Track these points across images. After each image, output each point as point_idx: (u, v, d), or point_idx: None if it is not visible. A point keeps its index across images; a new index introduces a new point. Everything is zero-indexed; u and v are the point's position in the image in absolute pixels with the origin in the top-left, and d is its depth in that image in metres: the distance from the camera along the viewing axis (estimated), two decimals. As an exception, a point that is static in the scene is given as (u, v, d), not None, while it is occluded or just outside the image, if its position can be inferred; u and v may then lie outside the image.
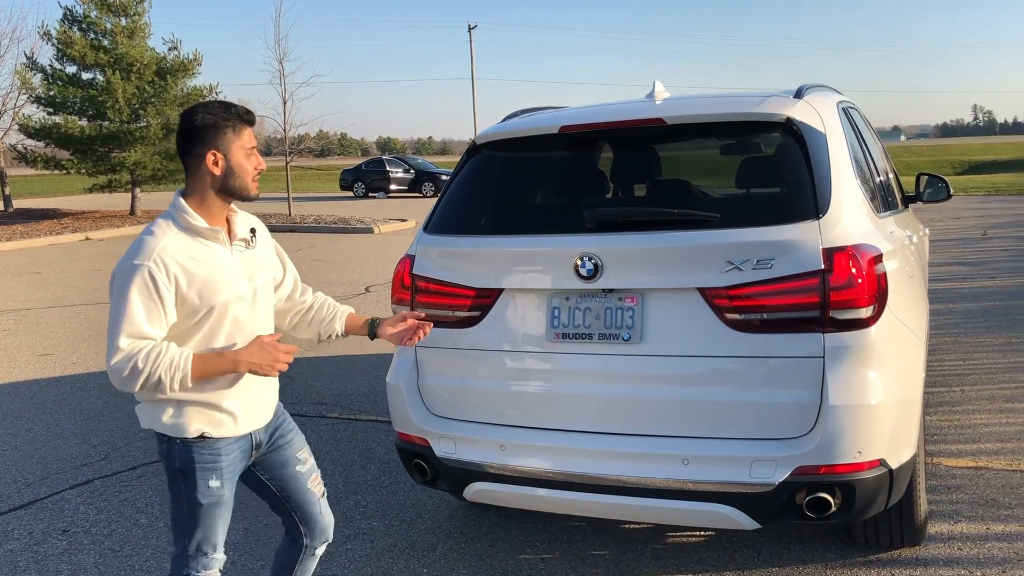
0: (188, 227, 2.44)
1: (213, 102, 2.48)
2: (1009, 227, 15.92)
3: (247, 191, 2.51)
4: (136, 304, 2.32)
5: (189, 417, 2.47)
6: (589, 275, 3.17)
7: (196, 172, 2.46)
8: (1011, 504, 4.03)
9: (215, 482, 2.51)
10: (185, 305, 2.39)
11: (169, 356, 2.33)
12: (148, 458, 5.17)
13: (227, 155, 2.45)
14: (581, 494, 3.18)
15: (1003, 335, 7.34)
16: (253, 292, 2.55)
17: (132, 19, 23.29)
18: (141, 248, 2.37)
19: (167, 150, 23.18)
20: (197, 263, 2.41)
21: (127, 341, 2.31)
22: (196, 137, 2.44)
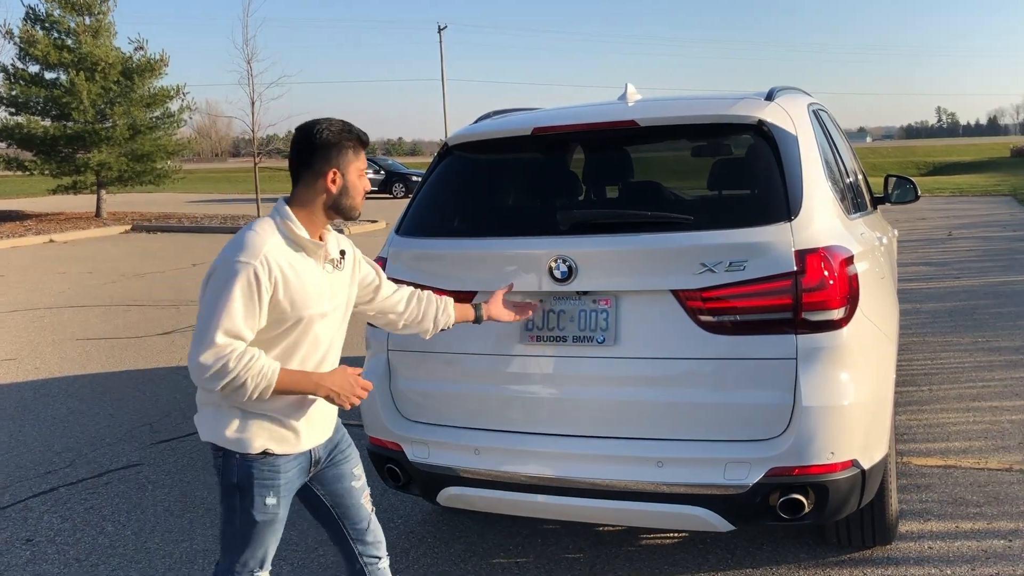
0: (292, 236, 2.42)
1: (334, 120, 2.49)
2: (974, 228, 16.16)
3: (355, 210, 2.53)
4: (238, 302, 2.28)
5: (253, 432, 2.43)
6: (563, 277, 3.16)
7: (311, 186, 2.46)
8: (979, 502, 4.08)
9: (272, 499, 2.47)
10: (275, 312, 2.36)
11: (260, 363, 2.30)
12: (115, 464, 5.09)
13: (345, 174, 2.47)
14: (555, 497, 3.16)
15: (969, 335, 7.44)
16: (333, 311, 2.54)
17: (96, 18, 22.95)
18: (247, 246, 2.33)
19: (133, 151, 22.88)
20: (294, 272, 2.39)
21: (223, 338, 2.27)
22: (319, 153, 2.44)
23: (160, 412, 6.10)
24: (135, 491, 4.68)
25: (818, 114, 4.01)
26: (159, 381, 6.95)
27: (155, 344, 8.31)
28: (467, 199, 3.70)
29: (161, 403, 6.32)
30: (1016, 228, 15.66)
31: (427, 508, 4.28)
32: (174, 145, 24.29)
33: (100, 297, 11.18)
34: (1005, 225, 16.32)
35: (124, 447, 5.40)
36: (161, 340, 8.47)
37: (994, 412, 5.37)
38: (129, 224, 21.69)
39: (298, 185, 2.48)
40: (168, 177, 24.21)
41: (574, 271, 3.14)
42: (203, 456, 5.17)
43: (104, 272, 13.60)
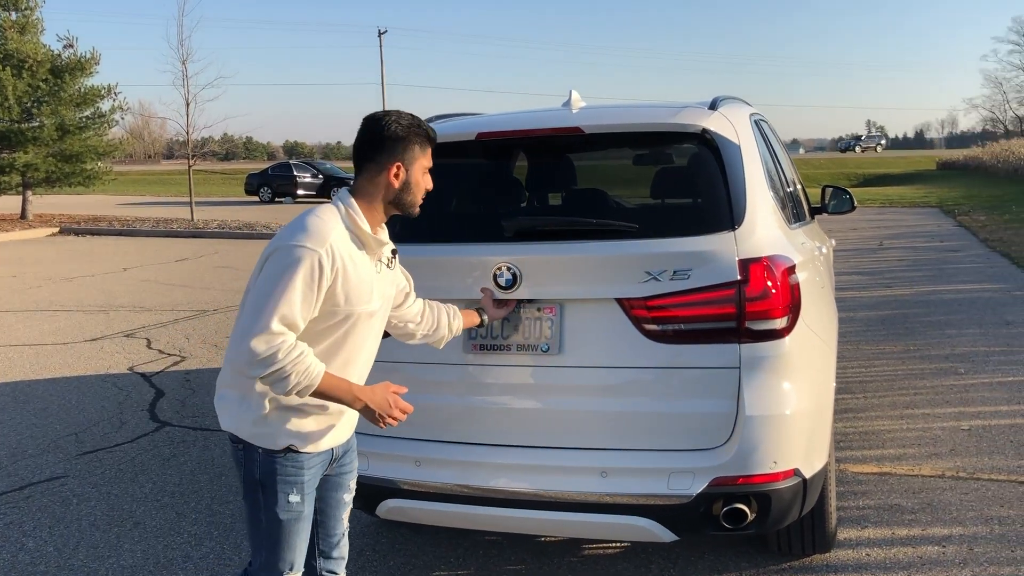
0: (355, 229, 2.37)
1: (404, 113, 2.43)
2: (903, 238, 16.59)
3: (413, 208, 2.48)
4: (298, 289, 2.20)
5: (279, 427, 2.35)
6: (508, 285, 3.11)
7: (374, 179, 2.41)
8: (914, 508, 4.14)
9: (295, 497, 2.39)
10: (329, 303, 2.30)
11: (308, 361, 2.22)
12: (37, 477, 4.88)
13: (409, 169, 2.42)
14: (498, 509, 3.11)
15: (901, 343, 7.60)
16: (381, 312, 2.50)
17: (23, 14, 22.23)
18: (313, 232, 2.26)
19: (62, 151, 22.19)
20: (354, 265, 2.33)
21: (278, 325, 2.18)
22: (385, 145, 2.39)
23: (87, 421, 5.88)
24: (59, 505, 4.49)
25: (759, 124, 4.03)
26: (86, 389, 6.70)
27: (83, 351, 8.03)
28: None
29: (88, 412, 6.10)
30: (944, 238, 16.13)
31: (365, 520, 4.18)
32: (105, 146, 23.66)
33: (25, 302, 10.79)
34: (933, 236, 16.79)
35: (48, 458, 5.19)
36: (89, 346, 8.20)
37: (926, 419, 5.48)
38: (57, 227, 21.03)
39: (360, 177, 2.43)
40: (98, 179, 23.56)
41: (518, 279, 3.10)
42: (131, 467, 4.99)
43: (29, 276, 13.15)
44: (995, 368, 6.62)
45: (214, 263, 14.55)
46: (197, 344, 8.18)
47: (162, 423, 5.83)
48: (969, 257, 13.29)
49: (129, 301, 10.73)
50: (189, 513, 4.35)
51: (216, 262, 14.69)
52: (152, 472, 4.92)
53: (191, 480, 4.79)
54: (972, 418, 5.47)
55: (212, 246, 17.38)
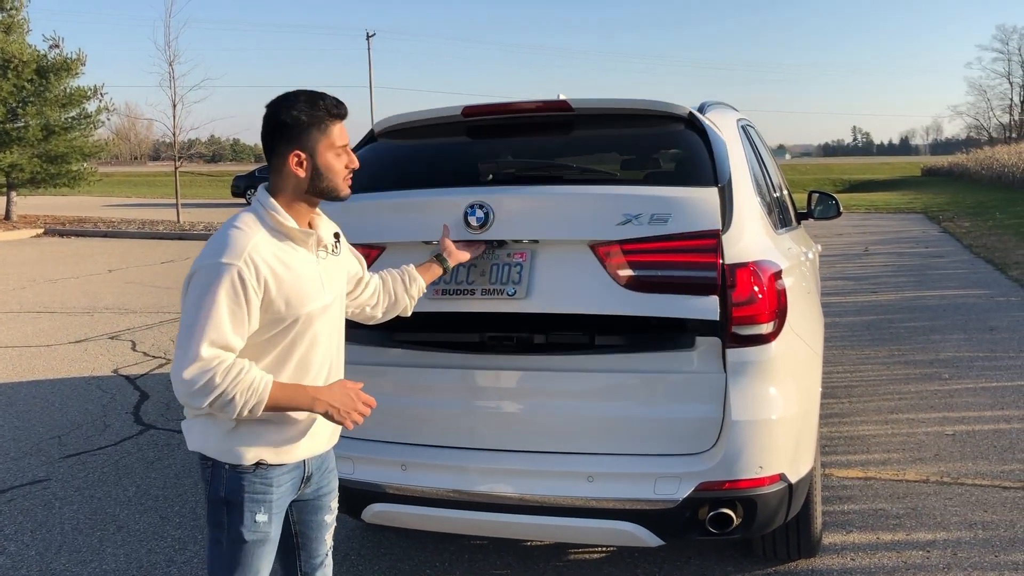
0: (278, 227, 2.22)
1: (299, 93, 2.25)
2: (888, 243, 16.68)
3: (337, 192, 2.30)
4: (223, 308, 2.07)
5: (248, 441, 2.22)
6: (479, 224, 3.02)
7: (279, 171, 2.25)
8: (899, 513, 4.16)
9: (263, 516, 2.26)
10: (270, 312, 2.16)
11: (250, 378, 2.08)
12: (19, 480, 4.83)
13: (313, 155, 2.23)
14: (484, 513, 3.09)
15: (886, 348, 7.64)
16: (332, 302, 2.35)
17: (8, 14, 22.09)
18: (228, 244, 2.12)
19: (47, 152, 22.07)
20: (286, 267, 2.19)
21: (209, 350, 2.05)
22: (278, 134, 2.23)
23: (70, 424, 5.83)
24: (40, 509, 4.45)
25: (746, 129, 4.05)
26: (69, 392, 6.66)
27: (66, 353, 7.97)
28: (389, 173, 3.59)
29: (71, 415, 6.05)
30: (928, 244, 16.23)
31: (351, 525, 4.17)
32: (90, 147, 23.55)
33: (8, 304, 10.71)
34: (917, 241, 16.89)
35: (30, 461, 5.15)
36: (73, 348, 8.14)
37: (911, 424, 5.51)
38: (41, 228, 20.90)
39: (271, 172, 2.28)
40: (84, 180, 23.43)
41: (491, 217, 3.02)
42: (115, 471, 4.96)
43: (13, 277, 13.05)
44: (979, 373, 6.66)
45: (200, 265, 14.47)
46: (182, 347, 8.13)
47: (146, 426, 5.79)
48: (953, 263, 13.38)
49: (114, 303, 10.66)
50: (173, 517, 4.32)
51: (202, 264, 14.60)
52: (136, 475, 4.89)
53: (175, 484, 4.76)
54: (956, 423, 5.50)
55: (198, 248, 17.15)
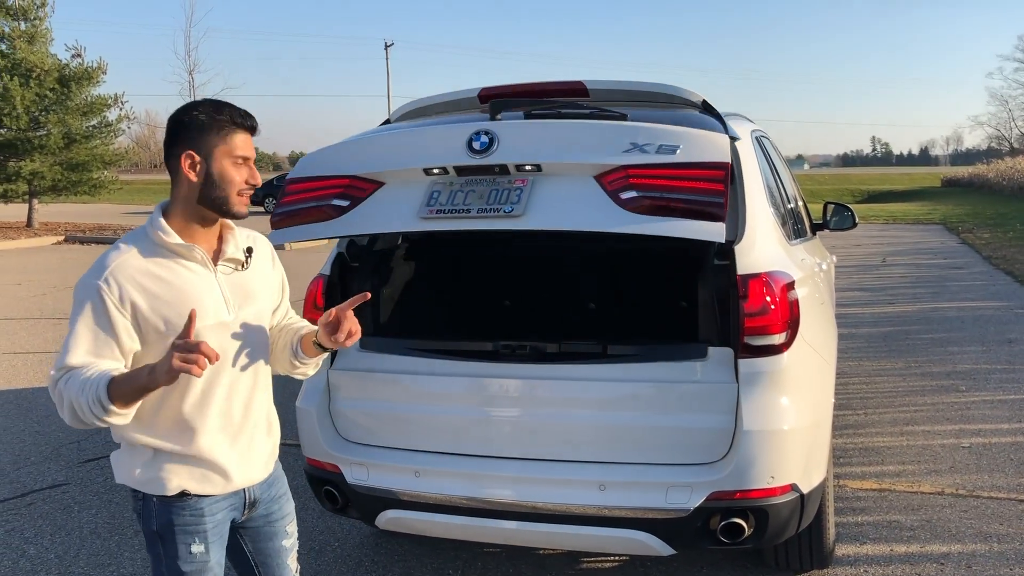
0: (159, 243, 2.13)
1: (205, 100, 2.17)
2: (906, 254, 16.60)
3: (229, 206, 2.14)
4: (81, 328, 2.04)
5: (168, 471, 2.14)
6: (482, 148, 2.95)
7: (174, 177, 2.15)
8: (913, 525, 4.14)
9: (198, 547, 2.17)
10: (148, 331, 2.07)
11: (82, 378, 1.99)
12: (39, 484, 4.90)
13: (207, 159, 2.11)
14: (497, 521, 3.12)
15: (902, 359, 7.60)
16: (238, 322, 2.19)
17: (32, 24, 22.38)
18: (99, 264, 2.09)
19: (68, 160, 22.28)
20: (163, 283, 2.09)
21: (54, 373, 2.04)
22: (175, 135, 2.13)
23: (90, 430, 5.90)
24: (60, 512, 4.51)
25: (760, 141, 4.06)
26: (89, 397, 6.72)
27: (86, 359, 8.04)
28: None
29: (90, 420, 6.11)
30: (947, 255, 16.13)
31: (365, 531, 4.20)
32: (111, 155, 23.76)
33: (29, 310, 10.83)
34: (936, 252, 16.79)
35: (50, 466, 5.21)
36: (92, 355, 8.21)
37: (926, 436, 5.48)
38: (62, 235, 21.11)
39: (172, 181, 2.17)
40: (104, 187, 23.65)
41: (495, 143, 2.95)
42: (133, 476, 5.01)
43: (34, 284, 13.19)
44: (996, 386, 6.62)
45: (218, 273, 14.56)
46: (200, 353, 8.19)
47: (164, 432, 5.84)
48: (972, 274, 13.29)
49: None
50: (190, 522, 4.36)
51: (220, 272, 14.69)
52: (153, 481, 4.93)
53: (192, 489, 4.80)
54: (972, 435, 5.47)
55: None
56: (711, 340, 3.05)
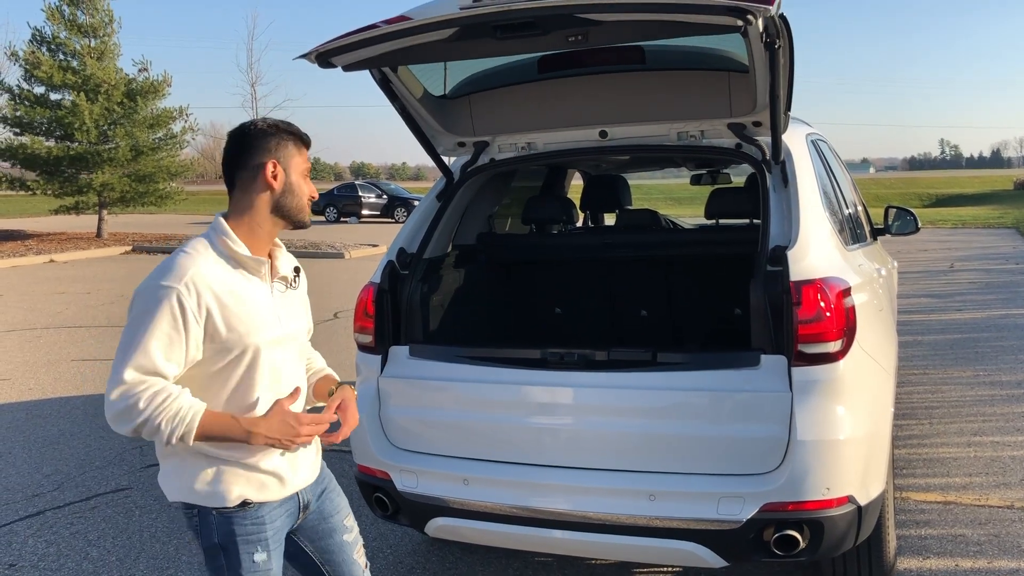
0: (229, 254, 2.14)
1: (267, 118, 2.24)
2: (975, 260, 16.12)
3: (302, 214, 2.23)
4: (155, 333, 2.01)
5: (227, 481, 2.13)
6: None
7: (248, 187, 2.17)
8: (980, 540, 4.00)
9: (260, 555, 2.17)
10: (215, 342, 2.08)
11: (177, 405, 2.01)
12: (103, 488, 5.01)
13: (287, 169, 2.18)
14: (545, 530, 3.09)
15: (970, 368, 7.37)
16: (287, 337, 2.24)
17: (102, 40, 23.09)
18: (172, 269, 2.06)
19: (136, 172, 22.92)
20: (234, 296, 2.10)
21: (133, 374, 2.00)
22: (253, 146, 2.16)
23: (151, 435, 6.02)
24: (122, 516, 4.61)
25: (817, 144, 3.98)
26: (152, 404, 6.87)
27: (150, 366, 8.23)
28: None
29: (153, 426, 6.25)
30: (1019, 261, 15.63)
31: (417, 538, 4.21)
32: (177, 166, 24.37)
33: (98, 318, 11.14)
34: (1008, 258, 16.28)
35: (113, 470, 5.33)
36: (156, 362, 8.40)
37: (995, 447, 5.30)
38: (130, 245, 21.70)
39: (234, 192, 2.20)
40: (170, 198, 24.26)
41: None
42: (192, 481, 5.10)
43: (103, 293, 13.57)
44: (1070, 395, 6.37)
45: (279, 281, 14.79)
46: (260, 361, 8.32)
47: (223, 438, 5.94)
48: (1045, 280, 12.86)
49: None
50: (246, 527, 4.42)
51: (281, 280, 14.92)
52: (212, 486, 5.02)
53: (249, 494, 4.87)
54: (1044, 447, 5.28)
55: (278, 264, 17.64)
56: (764, 348, 2.99)
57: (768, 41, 2.71)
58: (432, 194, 3.81)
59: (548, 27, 2.72)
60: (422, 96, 3.60)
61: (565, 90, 3.61)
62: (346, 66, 3.05)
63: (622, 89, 3.57)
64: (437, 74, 3.63)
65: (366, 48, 2.92)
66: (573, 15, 2.64)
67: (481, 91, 3.71)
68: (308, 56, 2.94)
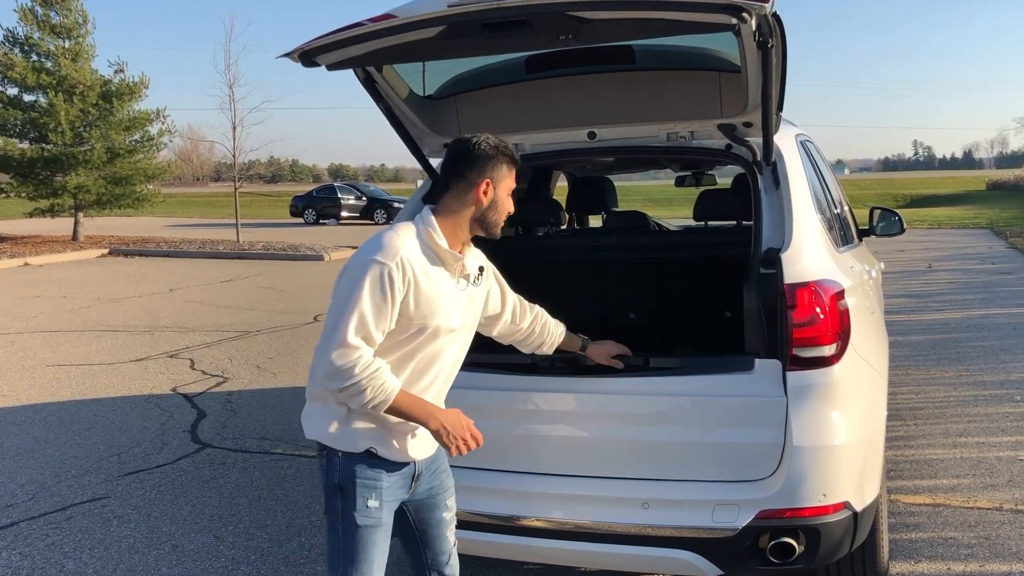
0: (430, 244, 2.41)
1: (490, 136, 2.49)
2: (953, 260, 16.24)
3: (496, 228, 2.51)
4: (369, 301, 2.28)
5: (360, 431, 2.41)
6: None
7: (462, 196, 2.45)
8: (970, 543, 3.98)
9: (374, 502, 2.42)
10: (404, 317, 2.35)
11: (384, 377, 2.30)
12: (79, 498, 4.90)
13: (497, 188, 2.47)
14: (537, 540, 3.03)
15: (953, 368, 7.39)
16: (462, 328, 2.52)
17: (76, 41, 22.78)
18: (385, 246, 2.33)
19: (112, 174, 22.63)
20: (428, 280, 2.38)
21: (354, 338, 2.27)
22: (475, 163, 2.44)
23: (129, 442, 5.91)
24: (99, 526, 4.50)
25: (805, 145, 3.95)
26: (130, 410, 6.76)
27: (128, 371, 8.12)
28: None
29: (131, 433, 6.14)
30: (995, 260, 15.76)
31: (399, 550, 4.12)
32: (153, 169, 24.09)
33: (73, 322, 10.96)
34: (984, 258, 16.42)
35: (90, 479, 5.22)
36: (134, 367, 8.28)
37: (981, 448, 5.30)
38: (106, 248, 21.42)
39: (448, 194, 2.47)
40: (147, 201, 23.98)
41: None
42: (171, 489, 5.00)
43: (79, 296, 13.37)
44: (1053, 395, 6.39)
45: (258, 284, 14.69)
46: (240, 365, 8.23)
47: (203, 444, 5.85)
48: (1022, 280, 12.95)
49: (174, 322, 10.85)
50: (227, 537, 4.33)
51: (260, 283, 14.83)
52: (192, 494, 4.92)
53: (230, 503, 4.78)
54: (1030, 448, 5.28)
55: (257, 267, 17.56)
56: (758, 352, 2.94)
57: (761, 40, 2.66)
58: (417, 196, 3.74)
59: (538, 25, 2.66)
60: (407, 96, 3.53)
61: (553, 90, 3.56)
62: (330, 65, 2.98)
63: (611, 89, 3.51)
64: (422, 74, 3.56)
65: (351, 46, 2.85)
66: (564, 13, 2.58)
67: (468, 91, 3.65)
68: (292, 55, 2.87)
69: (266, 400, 6.98)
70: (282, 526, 4.43)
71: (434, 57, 3.26)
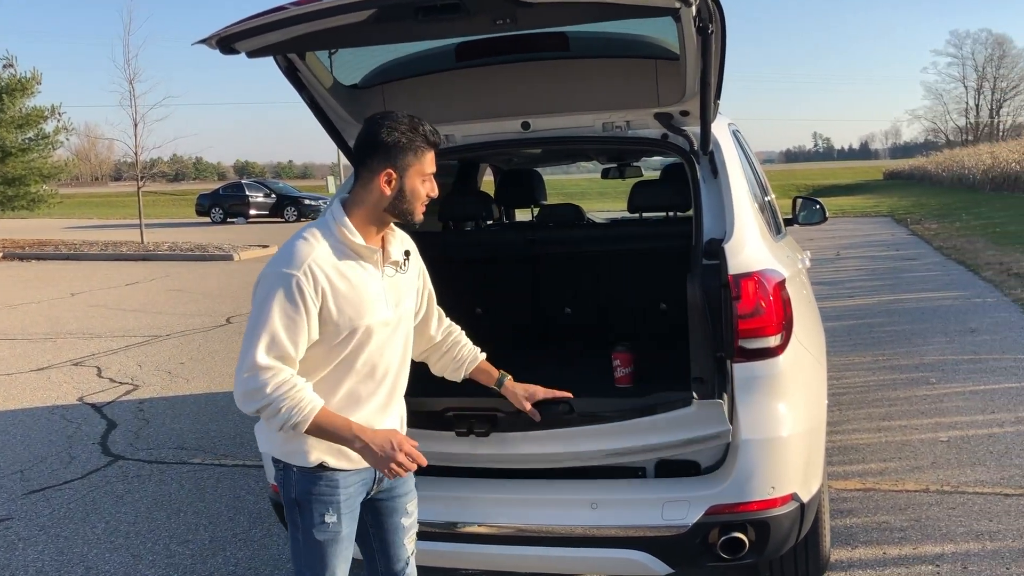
0: (344, 241, 2.30)
1: (402, 116, 2.32)
2: (859, 247, 16.75)
3: (412, 216, 2.37)
4: (279, 316, 2.18)
5: (311, 445, 2.31)
6: None
7: (367, 185, 2.33)
8: (903, 526, 4.03)
9: (331, 517, 2.36)
10: (328, 324, 2.25)
11: (299, 397, 2.20)
12: (11, 512, 4.57)
13: (403, 177, 2.31)
14: (483, 546, 2.92)
15: (869, 353, 7.56)
16: (398, 320, 2.41)
17: (-38, 34, 21.63)
18: (291, 255, 2.23)
19: (4, 174, 21.55)
20: (346, 280, 2.27)
21: (265, 357, 2.17)
22: (378, 151, 2.30)
23: (33, 457, 5.56)
24: (2, 550, 4.19)
25: (737, 135, 3.92)
26: (32, 423, 6.37)
27: (28, 381, 7.67)
28: None
29: (34, 447, 5.77)
30: (899, 247, 16.31)
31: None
32: (49, 168, 23.07)
33: (-34, 331, 10.34)
34: (888, 245, 16.99)
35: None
36: (35, 376, 7.83)
37: (903, 431, 5.41)
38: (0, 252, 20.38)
39: (356, 182, 2.35)
40: (43, 202, 22.97)
41: None
42: (82, 506, 4.70)
43: (-29, 304, 12.64)
44: (966, 377, 6.59)
45: (166, 286, 14.15)
46: (150, 372, 7.86)
47: (115, 457, 5.54)
48: (926, 265, 13.42)
49: (78, 327, 10.34)
50: (145, 555, 4.09)
51: (168, 285, 14.28)
52: (104, 511, 4.64)
53: (147, 518, 4.51)
54: (949, 429, 5.41)
55: (163, 269, 16.93)
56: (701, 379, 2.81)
57: (701, 26, 2.60)
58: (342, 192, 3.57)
59: (474, 9, 2.53)
60: (332, 86, 3.36)
61: (485, 80, 3.43)
62: (250, 52, 2.79)
63: (545, 78, 3.41)
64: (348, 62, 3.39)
65: (272, 32, 2.66)
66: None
67: (395, 80, 3.50)
68: (208, 41, 2.67)
69: (180, 407, 6.67)
70: (205, 540, 4.20)
71: (362, 43, 3.09)
